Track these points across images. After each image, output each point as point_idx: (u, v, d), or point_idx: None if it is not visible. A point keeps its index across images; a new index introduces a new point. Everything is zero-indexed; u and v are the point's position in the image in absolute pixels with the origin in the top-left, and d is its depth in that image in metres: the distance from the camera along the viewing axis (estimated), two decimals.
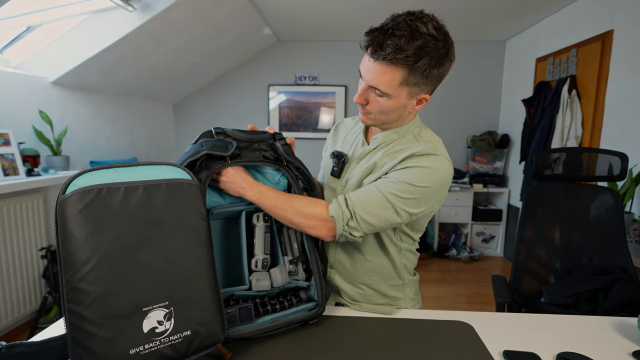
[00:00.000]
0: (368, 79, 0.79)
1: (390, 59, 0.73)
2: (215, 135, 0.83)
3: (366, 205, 0.79)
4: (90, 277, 0.54)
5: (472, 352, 0.75)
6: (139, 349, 0.56)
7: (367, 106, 0.84)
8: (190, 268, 0.63)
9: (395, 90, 0.78)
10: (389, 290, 0.95)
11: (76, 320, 0.54)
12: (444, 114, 3.90)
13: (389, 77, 0.75)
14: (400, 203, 0.78)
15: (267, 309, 0.80)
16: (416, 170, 0.79)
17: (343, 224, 0.79)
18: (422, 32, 0.72)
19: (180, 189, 0.65)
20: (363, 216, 0.78)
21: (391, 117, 0.85)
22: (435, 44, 0.73)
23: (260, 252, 0.83)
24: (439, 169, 0.80)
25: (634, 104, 2.16)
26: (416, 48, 0.72)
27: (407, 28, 0.72)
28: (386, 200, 0.78)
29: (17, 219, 2.08)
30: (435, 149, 0.82)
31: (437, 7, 2.86)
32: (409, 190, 0.78)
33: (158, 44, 2.70)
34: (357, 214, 0.78)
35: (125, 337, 0.55)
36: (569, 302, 1.30)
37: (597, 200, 1.40)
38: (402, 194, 0.78)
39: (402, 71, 0.74)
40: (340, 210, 0.79)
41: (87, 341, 0.53)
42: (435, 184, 0.80)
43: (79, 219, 0.55)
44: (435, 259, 3.69)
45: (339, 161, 0.95)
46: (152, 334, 0.58)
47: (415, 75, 0.75)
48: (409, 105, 0.83)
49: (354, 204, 0.79)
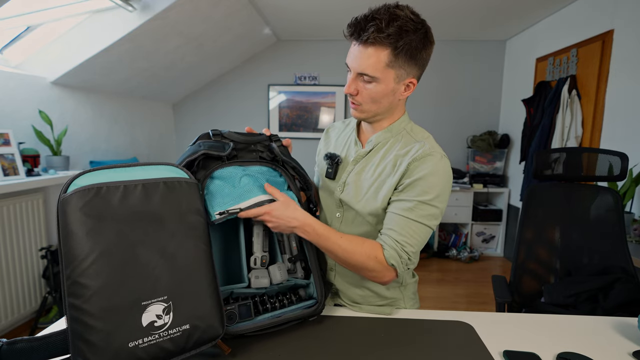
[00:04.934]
0: (355, 66, 0.82)
1: (373, 39, 0.77)
2: (213, 137, 0.84)
3: (415, 240, 0.82)
4: (90, 271, 0.56)
5: (472, 352, 0.75)
6: (138, 342, 0.57)
7: (357, 97, 0.86)
8: (188, 263, 0.64)
9: (382, 72, 0.80)
10: (388, 292, 0.95)
11: (76, 313, 0.55)
12: (444, 114, 3.90)
13: (375, 59, 0.79)
14: (433, 221, 0.83)
15: (267, 307, 0.80)
16: (425, 182, 0.82)
17: (404, 268, 0.83)
18: (400, 15, 0.77)
19: (178, 187, 0.67)
20: (414, 250, 0.83)
21: (382, 105, 0.87)
22: (414, 25, 0.78)
23: (259, 249, 0.84)
24: (442, 170, 0.83)
25: (634, 104, 2.16)
26: (396, 28, 0.76)
27: (386, 12, 0.77)
28: (425, 226, 0.82)
29: (17, 219, 2.07)
30: (431, 148, 0.85)
31: (437, 7, 2.86)
32: (433, 206, 0.82)
33: (158, 44, 2.70)
34: (410, 252, 0.82)
35: (124, 330, 0.56)
36: (569, 302, 1.30)
37: (597, 200, 1.40)
38: (431, 212, 0.82)
39: (387, 51, 0.78)
40: (398, 257, 0.81)
41: (86, 334, 0.54)
42: (444, 185, 0.84)
43: (79, 216, 0.57)
44: (435, 259, 3.69)
45: (332, 162, 0.97)
46: (151, 327, 0.59)
47: (399, 56, 0.79)
48: (398, 91, 0.86)
49: (404, 244, 0.81)
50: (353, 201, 0.90)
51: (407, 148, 0.87)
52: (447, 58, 3.82)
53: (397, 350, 0.75)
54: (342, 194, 0.93)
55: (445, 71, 3.83)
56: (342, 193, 0.93)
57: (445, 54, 3.79)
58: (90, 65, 2.48)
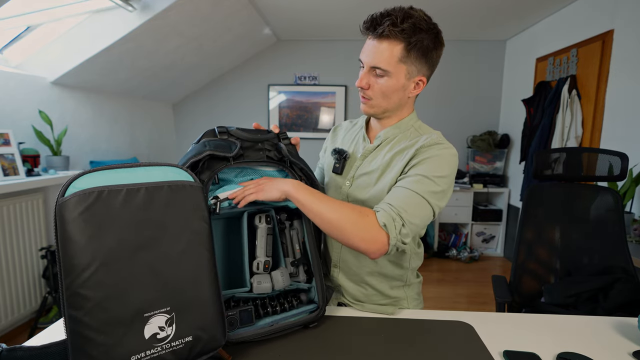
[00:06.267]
0: (369, 60, 0.84)
1: (388, 32, 0.79)
2: (219, 134, 0.81)
3: (411, 208, 0.77)
4: (90, 282, 0.53)
5: (472, 352, 0.75)
6: (141, 355, 0.56)
7: (368, 91, 0.87)
8: (192, 272, 0.62)
9: (395, 67, 0.82)
10: (391, 291, 0.95)
11: (77, 326, 0.53)
12: (444, 113, 3.90)
13: (388, 53, 0.81)
14: (434, 199, 0.80)
15: (268, 311, 0.80)
16: (432, 161, 0.82)
17: (396, 234, 0.75)
18: (413, 14, 0.81)
19: (182, 191, 0.64)
20: (411, 219, 0.76)
21: (392, 101, 0.88)
22: (427, 24, 0.81)
23: (262, 254, 0.81)
24: (450, 157, 0.84)
25: (634, 104, 2.16)
26: (410, 24, 0.79)
27: (401, 10, 0.81)
28: (424, 200, 0.78)
29: (17, 219, 2.07)
30: (439, 138, 0.87)
31: (437, 7, 2.86)
32: (436, 183, 0.80)
33: (158, 44, 2.70)
34: (405, 219, 0.76)
35: (126, 343, 0.55)
36: (569, 302, 1.30)
37: (597, 200, 1.40)
38: (433, 189, 0.79)
39: (400, 46, 0.81)
40: (391, 218, 0.75)
41: (88, 347, 0.53)
42: (451, 172, 0.83)
43: (79, 222, 0.54)
44: (436, 259, 3.69)
45: (340, 157, 0.97)
46: (153, 339, 0.57)
47: (412, 52, 0.81)
48: (408, 88, 0.87)
49: (399, 209, 0.76)
50: (362, 192, 0.90)
51: (416, 139, 0.89)
52: (447, 58, 3.80)
53: (398, 350, 0.75)
54: (350, 189, 0.93)
55: (446, 71, 3.83)
56: (351, 187, 0.93)
57: (446, 54, 3.75)
58: (90, 65, 2.48)
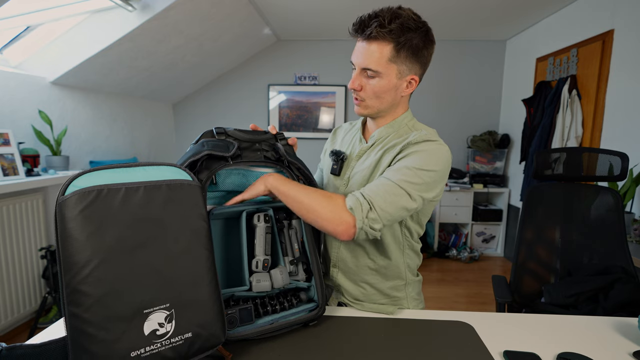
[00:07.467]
0: (359, 62, 0.85)
1: (376, 34, 0.80)
2: (217, 135, 0.82)
3: (382, 194, 0.77)
4: (90, 279, 0.54)
5: (472, 352, 0.75)
6: (140, 352, 0.56)
7: (361, 92, 0.88)
8: (191, 270, 0.63)
9: (385, 67, 0.83)
10: (391, 290, 0.95)
11: (77, 322, 0.53)
12: (444, 113, 3.89)
13: (378, 54, 0.82)
14: (412, 189, 0.78)
15: (267, 310, 0.80)
16: (418, 155, 0.81)
17: (363, 217, 0.75)
18: (401, 14, 0.81)
19: (181, 190, 0.65)
20: (381, 205, 0.76)
21: (385, 101, 0.88)
22: (415, 23, 0.81)
23: (261, 253, 0.82)
24: (439, 153, 0.83)
25: (634, 104, 2.16)
26: (398, 24, 0.80)
27: (389, 11, 0.82)
28: (399, 187, 0.78)
29: (16, 219, 2.07)
30: (430, 136, 0.85)
31: (437, 7, 2.86)
32: (417, 175, 0.79)
33: (158, 44, 2.70)
34: (375, 204, 0.76)
35: (126, 339, 0.55)
36: (569, 302, 1.30)
37: (598, 200, 1.40)
38: (412, 179, 0.78)
39: (389, 47, 0.81)
40: (358, 202, 0.76)
41: (88, 343, 0.53)
42: (439, 167, 0.82)
43: (79, 220, 0.55)
44: (436, 259, 3.69)
45: (337, 159, 0.98)
46: (153, 336, 0.57)
47: (401, 52, 0.82)
48: (400, 87, 0.88)
49: (369, 196, 0.77)
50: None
51: (406, 135, 0.89)
52: (448, 58, 3.81)
53: (397, 350, 0.75)
54: (346, 189, 0.93)
55: (446, 71, 3.83)
56: (347, 188, 0.93)
57: (446, 54, 3.79)
58: (90, 65, 2.48)
